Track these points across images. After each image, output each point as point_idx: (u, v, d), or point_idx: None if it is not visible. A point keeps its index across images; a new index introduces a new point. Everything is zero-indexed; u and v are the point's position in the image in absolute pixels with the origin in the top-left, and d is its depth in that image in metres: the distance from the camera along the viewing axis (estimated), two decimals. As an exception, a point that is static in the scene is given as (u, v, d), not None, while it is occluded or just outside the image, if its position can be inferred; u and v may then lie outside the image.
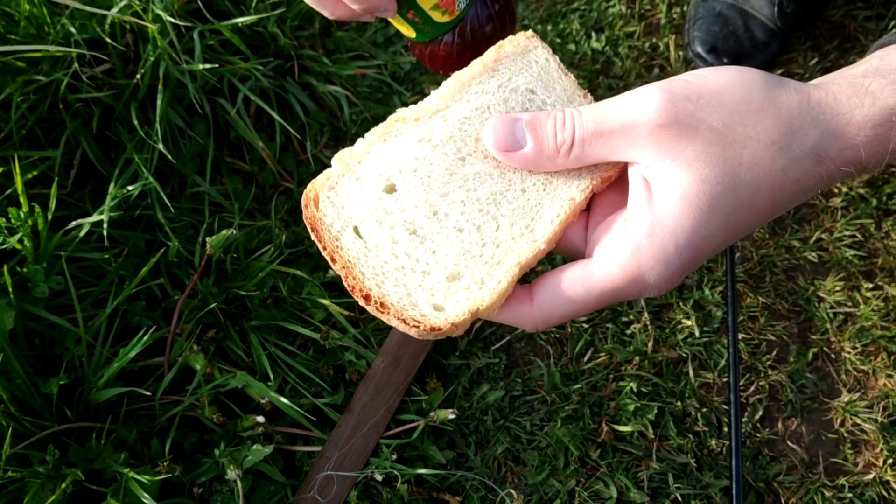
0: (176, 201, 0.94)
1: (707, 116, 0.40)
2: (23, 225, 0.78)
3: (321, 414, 0.85)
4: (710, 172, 0.39)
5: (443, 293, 0.42)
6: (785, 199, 0.42)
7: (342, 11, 0.52)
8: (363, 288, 0.42)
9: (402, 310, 0.42)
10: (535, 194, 0.45)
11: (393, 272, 0.43)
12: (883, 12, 1.20)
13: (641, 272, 0.41)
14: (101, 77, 0.90)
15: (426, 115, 0.46)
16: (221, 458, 0.79)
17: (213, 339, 0.86)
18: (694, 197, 0.39)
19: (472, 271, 0.43)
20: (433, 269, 0.43)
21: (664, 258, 0.40)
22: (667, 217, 0.40)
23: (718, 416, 0.90)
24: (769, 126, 0.40)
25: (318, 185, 0.45)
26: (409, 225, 0.44)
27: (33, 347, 0.79)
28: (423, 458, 0.85)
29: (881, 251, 1.01)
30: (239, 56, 0.98)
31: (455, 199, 0.44)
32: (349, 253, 0.43)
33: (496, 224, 0.44)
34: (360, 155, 0.46)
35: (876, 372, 0.94)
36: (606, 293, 0.42)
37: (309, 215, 0.44)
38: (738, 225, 0.41)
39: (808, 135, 0.40)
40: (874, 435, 0.90)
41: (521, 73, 0.48)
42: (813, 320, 0.98)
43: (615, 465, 0.86)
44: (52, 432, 0.75)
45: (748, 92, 0.41)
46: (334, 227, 0.44)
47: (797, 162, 0.40)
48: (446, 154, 0.45)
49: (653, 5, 1.24)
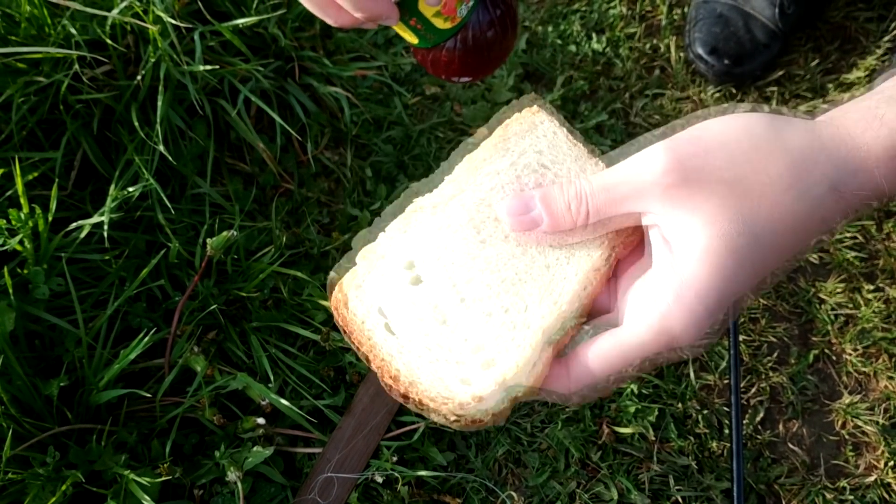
0: (176, 202, 0.94)
1: (717, 171, 0.40)
2: (23, 226, 0.78)
3: (322, 416, 0.85)
4: (729, 226, 0.39)
5: (480, 383, 0.41)
6: (809, 237, 0.41)
7: (345, 19, 0.52)
8: (399, 386, 0.42)
9: (442, 405, 0.41)
10: (560, 269, 0.44)
11: (427, 366, 0.42)
12: (884, 13, 1.20)
13: (673, 335, 0.40)
14: (102, 78, 0.90)
15: (442, 202, 0.47)
16: (222, 459, 0.78)
17: (213, 340, 0.86)
18: (716, 254, 0.39)
19: (507, 355, 0.42)
20: (467, 358, 0.42)
21: (694, 318, 0.40)
22: (692, 278, 0.40)
23: (719, 417, 0.90)
24: (782, 170, 0.40)
25: (345, 286, 0.45)
26: (438, 314, 0.43)
27: (34, 349, 0.79)
28: (423, 460, 0.85)
29: (882, 253, 1.01)
30: (239, 57, 0.98)
31: (480, 284, 0.44)
32: (383, 351, 0.43)
33: (524, 304, 0.43)
34: (383, 249, 0.46)
35: (877, 374, 0.94)
36: (638, 354, 0.42)
37: (340, 318, 0.44)
38: (762, 269, 0.41)
39: (825, 173, 0.40)
40: (875, 437, 0.90)
41: (530, 148, 0.48)
42: (814, 322, 0.97)
43: (616, 467, 0.86)
44: (53, 434, 0.74)
45: (755, 139, 0.41)
46: (366, 325, 0.44)
47: (817, 201, 0.40)
48: (466, 238, 0.45)
49: (653, 6, 1.24)
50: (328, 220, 1.00)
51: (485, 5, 0.57)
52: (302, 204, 1.00)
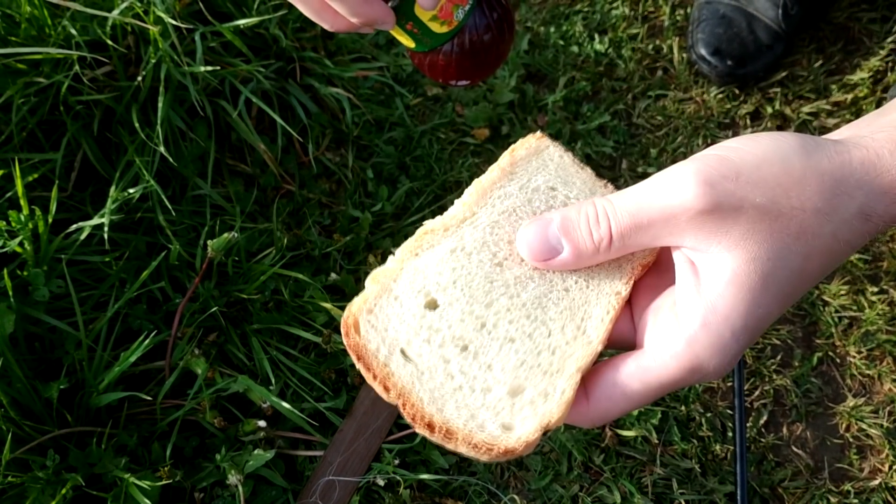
0: (177, 204, 0.94)
1: (749, 194, 0.39)
2: (23, 228, 0.78)
3: (323, 418, 0.85)
4: (758, 250, 0.38)
5: (508, 411, 0.40)
6: (835, 260, 0.41)
7: (341, 24, 0.52)
8: (424, 415, 0.40)
9: (470, 435, 0.39)
10: (580, 293, 0.44)
11: (452, 394, 0.41)
12: (888, 14, 1.20)
13: (699, 362, 0.39)
14: (103, 79, 0.90)
15: (454, 224, 0.45)
16: (223, 462, 0.78)
17: (214, 342, 0.86)
18: (745, 278, 0.38)
19: (534, 383, 0.41)
20: (493, 386, 0.41)
21: (721, 345, 0.39)
22: (719, 303, 0.39)
23: (723, 420, 0.90)
24: (813, 194, 0.39)
25: (355, 310, 0.43)
26: (458, 341, 0.42)
27: (33, 351, 0.79)
28: (425, 463, 0.85)
29: (886, 255, 1.01)
30: (240, 58, 0.98)
31: (500, 308, 0.43)
32: (402, 379, 0.41)
33: (547, 329, 0.42)
34: (393, 273, 0.44)
35: (881, 376, 0.93)
36: (664, 385, 0.40)
37: (352, 343, 0.42)
38: (791, 294, 0.40)
39: (854, 197, 0.39)
40: (880, 440, 0.89)
41: (538, 172, 0.48)
42: (818, 324, 0.97)
43: (619, 471, 0.86)
44: (53, 437, 0.74)
45: (787, 162, 0.40)
46: (381, 352, 0.42)
47: (845, 224, 0.39)
48: (482, 261, 0.44)
49: (656, 7, 1.24)
50: (329, 222, 0.99)
51: (481, 9, 0.57)
52: (303, 205, 1.00)
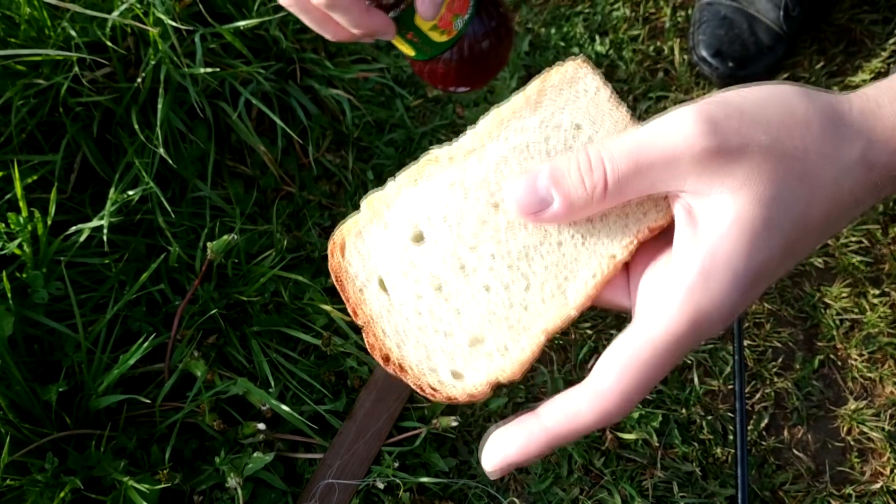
0: (177, 206, 0.93)
1: (753, 133, 0.37)
2: (22, 230, 0.78)
3: (322, 421, 0.84)
4: (763, 191, 0.36)
5: (463, 359, 0.40)
6: (839, 212, 0.39)
7: (343, 34, 0.52)
8: (384, 347, 0.40)
9: (421, 375, 0.39)
10: (572, 249, 0.41)
11: (414, 331, 0.40)
12: (889, 16, 1.19)
13: (702, 313, 0.36)
14: (102, 81, 0.89)
15: (460, 154, 0.43)
16: (222, 465, 0.78)
17: (213, 344, 0.86)
18: (749, 220, 0.36)
19: (496, 336, 0.40)
20: (455, 332, 0.40)
21: (722, 292, 0.36)
22: (720, 246, 0.36)
23: (724, 423, 0.90)
24: (816, 137, 0.38)
25: (345, 231, 0.42)
26: (434, 279, 0.41)
27: (32, 353, 0.79)
28: (425, 466, 0.84)
29: (888, 257, 1.00)
30: (240, 59, 0.97)
31: (484, 254, 0.41)
32: (372, 309, 0.41)
33: (526, 283, 0.40)
34: (389, 199, 0.43)
35: (883, 379, 0.93)
36: (672, 344, 0.37)
37: (334, 264, 0.42)
38: (794, 243, 0.38)
39: (856, 142, 0.38)
40: (881, 443, 0.89)
41: (566, 106, 0.43)
42: (819, 327, 0.97)
43: (619, 474, 0.85)
44: (52, 439, 0.74)
45: (790, 105, 0.38)
46: (359, 278, 0.42)
47: (848, 171, 0.38)
48: (479, 200, 0.42)
49: (657, 8, 1.23)
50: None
51: (480, 17, 0.57)
52: (303, 207, 1.00)
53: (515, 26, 1.20)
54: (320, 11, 0.51)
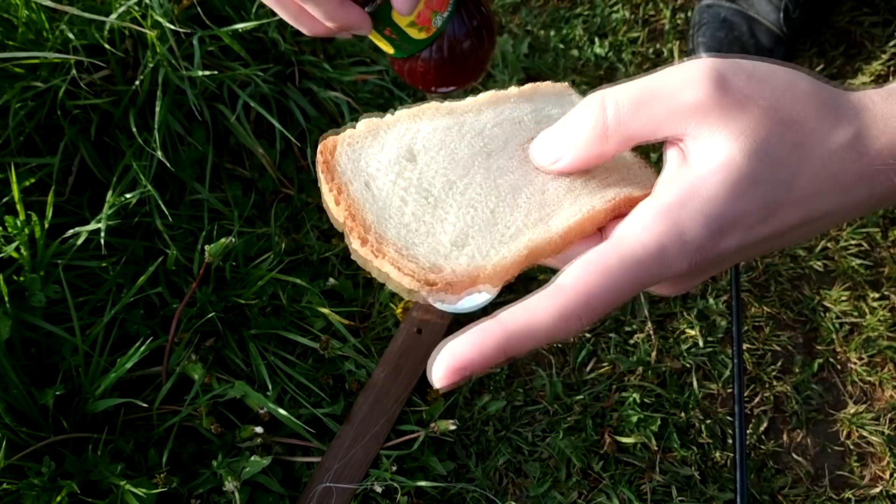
0: (175, 208, 0.93)
1: (756, 95, 0.38)
2: (20, 233, 0.77)
3: (320, 424, 0.84)
4: (758, 146, 0.37)
5: (444, 255, 0.39)
6: (822, 194, 0.39)
7: (319, 28, 0.52)
8: (363, 230, 0.39)
9: (399, 259, 0.39)
10: (556, 195, 0.43)
11: (397, 223, 0.40)
12: (890, 18, 1.19)
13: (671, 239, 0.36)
14: (100, 83, 0.89)
15: (459, 110, 0.45)
16: (219, 469, 0.78)
17: (211, 347, 0.85)
18: (735, 168, 0.37)
19: (479, 242, 0.40)
20: (439, 233, 0.40)
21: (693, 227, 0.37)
22: (702, 184, 0.37)
23: (723, 427, 0.89)
24: (813, 113, 0.39)
25: (338, 137, 0.43)
26: (423, 191, 0.41)
27: (30, 357, 0.79)
28: (423, 470, 0.84)
29: (888, 260, 1.00)
30: (239, 62, 0.97)
31: (474, 181, 0.42)
32: (356, 197, 0.40)
33: (511, 210, 0.42)
34: (386, 124, 0.44)
35: (882, 383, 0.93)
36: (640, 261, 0.36)
37: (322, 160, 0.41)
38: (775, 206, 0.38)
39: (848, 127, 0.39)
40: (881, 447, 0.89)
41: (555, 106, 0.48)
42: (818, 330, 0.96)
43: (618, 478, 0.85)
44: (49, 443, 0.74)
45: (793, 81, 0.40)
46: (346, 174, 0.41)
47: (836, 155, 0.39)
48: (473, 145, 0.44)
49: (657, 11, 1.23)
50: (328, 226, 0.99)
51: (460, 16, 0.56)
52: (301, 209, 1.00)
53: (498, 27, 1.20)
54: (296, 5, 0.51)
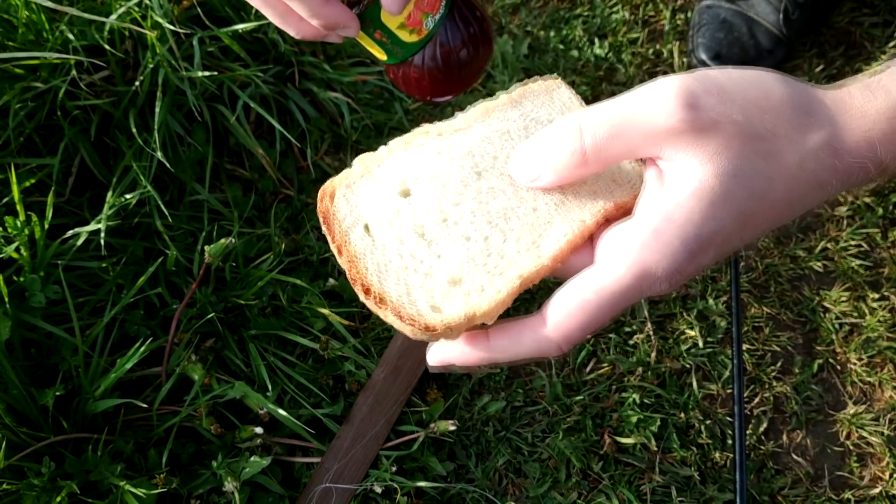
0: (175, 209, 0.93)
1: (729, 110, 0.39)
2: (20, 234, 0.78)
3: (320, 425, 0.84)
4: (728, 166, 0.39)
5: (442, 295, 0.42)
6: (801, 192, 0.41)
7: (306, 30, 0.53)
8: (365, 282, 0.42)
9: (400, 306, 0.42)
10: (546, 213, 0.45)
11: (396, 270, 0.43)
12: (889, 19, 1.19)
13: (647, 267, 0.39)
14: (100, 84, 0.89)
15: (449, 131, 0.48)
16: (219, 469, 0.78)
17: (211, 348, 0.85)
18: (709, 191, 0.39)
19: (474, 278, 0.43)
20: (436, 272, 0.43)
21: (669, 252, 0.39)
22: (676, 212, 0.39)
23: (722, 428, 0.89)
24: (786, 121, 0.40)
25: (336, 182, 0.46)
26: (418, 228, 0.44)
27: (30, 357, 0.79)
28: (423, 470, 0.84)
29: (887, 261, 1.00)
30: (239, 63, 0.97)
31: (466, 210, 0.45)
32: (356, 248, 0.44)
33: (503, 237, 0.44)
34: (380, 159, 0.47)
35: (882, 384, 0.93)
36: (616, 294, 0.40)
37: (323, 208, 0.45)
38: (750, 216, 0.40)
39: (823, 127, 0.41)
40: (880, 448, 0.89)
41: (543, 106, 0.50)
42: (818, 331, 0.96)
43: (617, 478, 0.85)
44: (49, 443, 0.74)
45: (767, 89, 0.41)
46: (346, 221, 0.44)
47: (811, 154, 0.40)
48: (463, 167, 0.46)
49: (656, 11, 1.23)
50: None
51: (454, 21, 0.56)
52: (301, 210, 1.00)
53: (495, 31, 1.20)
54: (282, 4, 0.51)
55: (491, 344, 0.43)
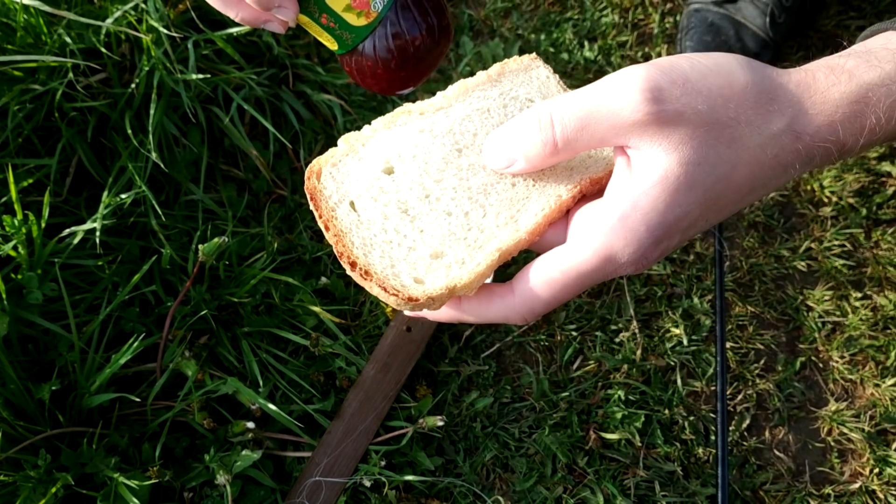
0: (170, 209, 0.95)
1: (693, 101, 0.41)
2: (17, 232, 0.79)
3: (311, 420, 0.86)
4: (691, 154, 0.40)
5: (424, 268, 0.44)
6: (764, 175, 0.42)
7: (246, 13, 0.53)
8: (351, 255, 0.44)
9: (385, 279, 0.44)
10: (524, 189, 0.47)
11: (381, 244, 0.45)
12: (875, 21, 1.21)
13: (613, 252, 0.42)
14: (97, 86, 0.91)
15: (430, 110, 0.50)
16: (211, 463, 0.79)
17: (205, 345, 0.87)
18: (673, 180, 0.40)
19: (455, 251, 0.45)
20: (419, 246, 0.45)
21: (636, 237, 0.41)
22: (641, 200, 0.41)
23: (706, 424, 0.91)
24: (749, 107, 0.41)
25: (322, 161, 0.48)
26: (401, 204, 0.46)
27: (27, 353, 0.81)
28: (411, 465, 0.86)
29: (870, 261, 1.02)
30: (233, 65, 0.99)
31: (448, 186, 0.47)
32: (343, 223, 0.46)
33: (483, 212, 0.46)
34: (364, 138, 0.49)
35: (863, 381, 0.95)
36: (581, 274, 0.43)
37: (310, 186, 0.47)
38: (715, 200, 0.42)
39: (784, 113, 0.42)
40: (861, 444, 0.90)
41: (522, 85, 0.52)
42: (801, 329, 0.98)
43: (602, 473, 0.87)
44: (45, 437, 0.76)
45: (731, 75, 0.42)
46: (332, 199, 0.46)
47: (774, 139, 0.41)
48: (444, 145, 0.48)
49: (646, 15, 1.25)
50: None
51: (408, 8, 0.55)
52: (295, 210, 1.01)
53: (454, 25, 1.22)
54: None
55: (462, 305, 0.47)
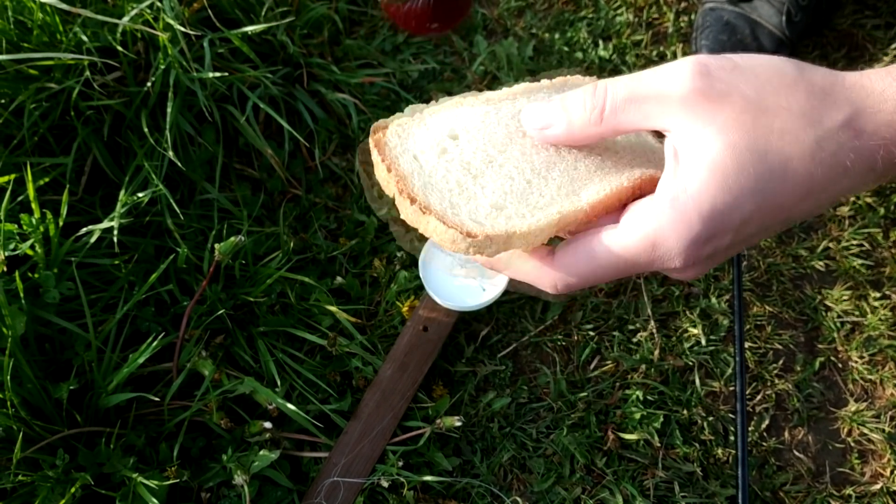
0: (185, 208, 0.95)
1: (741, 85, 0.41)
2: (34, 231, 0.79)
3: (328, 420, 0.86)
4: (739, 139, 0.40)
5: (485, 215, 0.44)
6: (823, 176, 0.41)
7: None
8: (411, 193, 0.44)
9: (444, 215, 0.44)
10: (586, 171, 0.47)
11: (442, 190, 0.45)
12: (891, 21, 1.20)
13: (662, 237, 0.41)
14: (113, 85, 0.91)
15: (496, 98, 0.51)
16: (229, 463, 0.79)
17: (221, 344, 0.87)
18: (721, 163, 0.40)
19: (516, 207, 0.45)
20: (479, 198, 0.45)
21: (686, 224, 0.40)
22: (691, 184, 0.40)
23: (725, 424, 0.90)
24: (801, 98, 0.41)
25: (388, 121, 0.49)
26: (465, 164, 0.47)
27: (44, 352, 0.80)
28: (428, 465, 0.85)
29: (889, 260, 1.01)
30: (248, 64, 0.99)
31: (511, 157, 0.47)
32: (405, 169, 0.46)
33: (545, 182, 0.47)
34: (431, 110, 0.50)
35: (883, 381, 0.94)
36: (627, 256, 0.42)
37: (375, 138, 0.47)
38: (770, 197, 0.40)
39: (842, 109, 0.41)
40: (881, 445, 0.90)
41: None
42: (820, 329, 0.97)
43: (621, 474, 0.86)
44: (62, 437, 0.75)
45: (782, 69, 0.42)
46: (396, 148, 0.47)
47: (831, 134, 0.40)
48: (509, 126, 0.49)
49: (660, 14, 1.25)
50: (335, 226, 1.00)
51: None
52: (309, 209, 1.01)
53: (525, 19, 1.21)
54: None
55: (505, 261, 0.47)
